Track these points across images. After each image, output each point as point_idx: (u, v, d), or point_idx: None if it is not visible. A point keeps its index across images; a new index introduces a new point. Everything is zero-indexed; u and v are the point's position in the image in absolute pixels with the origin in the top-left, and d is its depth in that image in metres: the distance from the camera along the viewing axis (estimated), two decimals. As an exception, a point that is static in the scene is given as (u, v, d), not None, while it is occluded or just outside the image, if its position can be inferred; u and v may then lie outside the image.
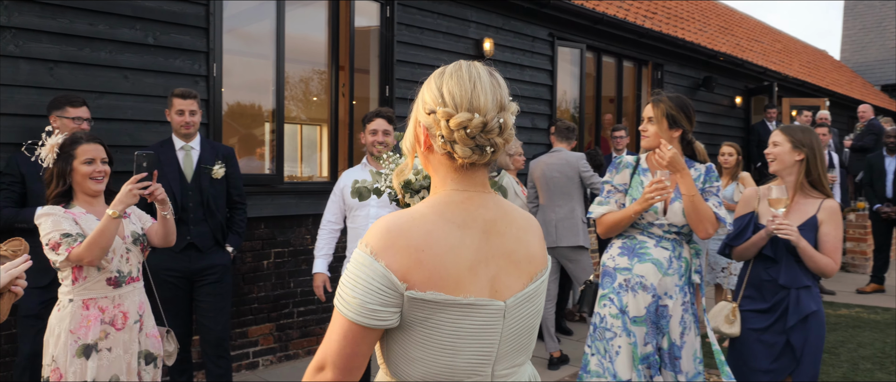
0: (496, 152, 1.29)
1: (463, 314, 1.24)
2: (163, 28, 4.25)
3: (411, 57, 5.73)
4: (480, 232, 1.29)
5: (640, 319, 2.83)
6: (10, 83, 3.67)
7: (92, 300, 2.61)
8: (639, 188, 2.92)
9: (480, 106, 1.26)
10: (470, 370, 1.27)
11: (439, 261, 1.23)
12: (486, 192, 1.34)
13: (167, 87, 4.24)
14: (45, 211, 2.56)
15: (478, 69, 1.32)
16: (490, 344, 1.28)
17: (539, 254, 1.39)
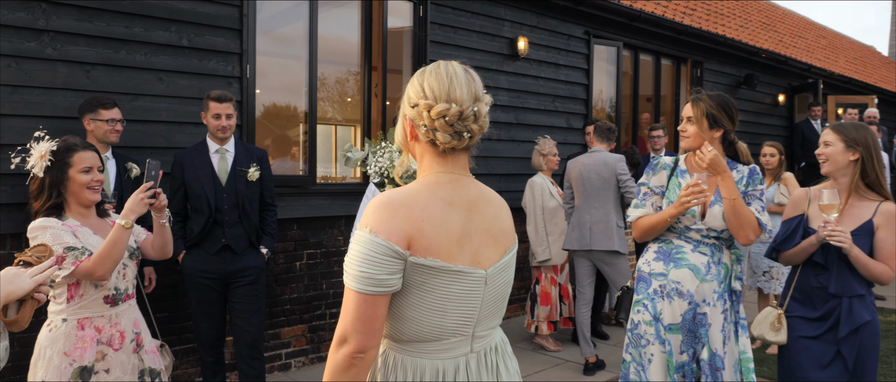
0: (473, 138, 1.48)
1: (453, 280, 1.43)
2: (197, 30, 4.27)
3: (445, 56, 5.66)
4: (465, 210, 1.48)
5: (675, 327, 2.72)
6: (48, 86, 3.72)
7: (87, 319, 2.41)
8: (676, 191, 2.80)
9: (457, 97, 1.44)
10: (455, 329, 1.47)
11: (436, 232, 1.41)
12: (467, 175, 1.53)
13: (201, 88, 4.26)
14: (41, 224, 2.36)
15: (454, 67, 1.50)
16: (473, 307, 1.48)
17: (510, 230, 1.59)
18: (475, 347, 1.52)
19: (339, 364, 1.40)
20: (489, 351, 1.56)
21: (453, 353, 1.49)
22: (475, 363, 1.52)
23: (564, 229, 5.23)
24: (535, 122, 6.45)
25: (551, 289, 5.29)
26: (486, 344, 1.55)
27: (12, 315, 1.63)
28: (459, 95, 1.45)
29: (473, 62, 5.84)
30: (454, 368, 1.48)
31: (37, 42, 3.68)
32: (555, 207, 5.28)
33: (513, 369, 1.62)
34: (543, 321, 5.29)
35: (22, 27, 3.62)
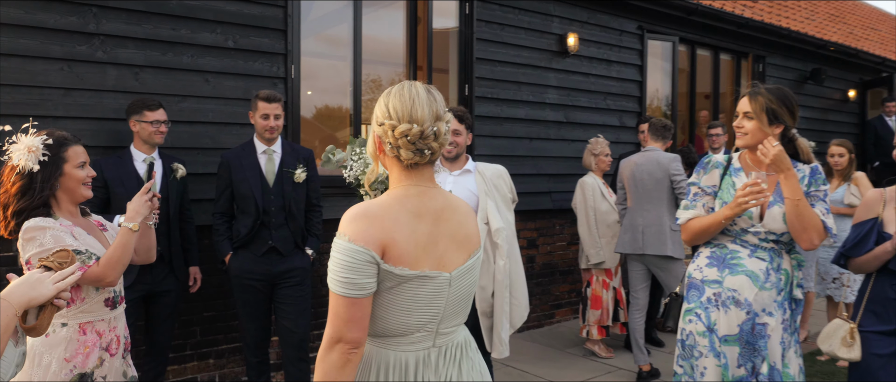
0: (434, 154, 1.60)
1: (419, 284, 1.56)
2: (242, 31, 4.29)
3: (492, 54, 5.55)
4: (432, 219, 1.61)
5: (731, 338, 2.52)
6: (98, 88, 3.79)
7: (89, 323, 2.26)
8: (730, 191, 2.61)
9: (418, 118, 1.55)
10: (420, 326, 1.60)
11: (405, 241, 1.54)
12: (434, 186, 1.66)
13: (247, 89, 4.28)
14: (38, 224, 2.17)
15: (417, 88, 1.60)
16: (438, 307, 1.61)
17: (474, 235, 1.70)
18: (437, 342, 1.65)
19: (335, 363, 1.52)
20: (451, 347, 1.68)
21: (416, 347, 1.62)
22: (435, 356, 1.65)
23: (617, 232, 5.04)
24: (586, 120, 6.26)
25: (603, 293, 5.11)
26: (448, 340, 1.68)
27: (31, 322, 1.59)
28: (421, 116, 1.56)
29: (521, 60, 5.71)
30: (415, 360, 1.62)
31: (87, 45, 3.75)
32: (606, 208, 5.09)
33: (475, 365, 1.73)
34: (594, 326, 5.11)
35: (73, 31, 3.70)
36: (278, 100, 3.69)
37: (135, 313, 3.52)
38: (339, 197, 4.73)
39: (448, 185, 3.38)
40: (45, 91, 3.64)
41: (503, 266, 3.19)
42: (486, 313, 3.22)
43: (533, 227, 6.02)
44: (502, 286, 3.19)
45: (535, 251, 6.05)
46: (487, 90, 5.55)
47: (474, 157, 5.39)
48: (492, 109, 5.59)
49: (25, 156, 2.18)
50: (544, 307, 6.13)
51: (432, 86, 1.66)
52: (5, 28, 3.51)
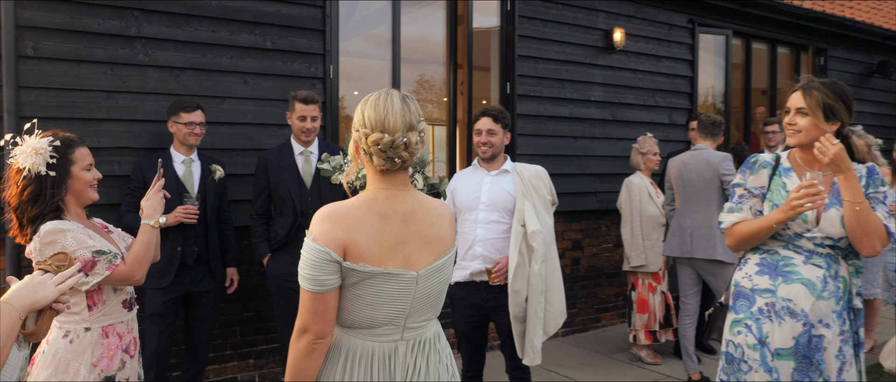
0: (405, 162, 1.68)
1: (384, 281, 1.65)
2: (281, 32, 4.29)
3: (534, 51, 5.42)
4: (400, 221, 1.68)
5: (785, 352, 2.33)
6: (140, 91, 3.85)
7: (110, 326, 2.25)
8: (781, 192, 2.42)
9: (389, 128, 1.63)
10: (387, 320, 1.69)
11: (367, 242, 1.63)
12: (406, 190, 1.72)
13: (285, 90, 4.28)
14: (58, 227, 2.13)
15: (393, 98, 1.66)
16: (404, 303, 1.69)
17: (447, 235, 1.78)
18: (406, 336, 1.74)
19: (301, 350, 1.65)
20: (421, 341, 1.76)
21: (384, 339, 1.71)
22: (404, 349, 1.73)
23: (662, 234, 4.85)
24: (633, 118, 6.05)
25: (649, 296, 4.92)
26: (417, 335, 1.76)
27: (31, 326, 1.57)
28: (392, 126, 1.63)
29: (565, 57, 5.56)
30: (383, 352, 1.71)
31: (129, 49, 3.81)
32: (653, 209, 4.89)
33: (442, 360, 1.81)
34: (640, 331, 4.93)
35: (116, 35, 3.76)
36: (316, 101, 3.67)
37: (174, 313, 3.56)
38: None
39: (485, 185, 3.29)
40: (90, 94, 3.71)
41: (538, 270, 3.08)
42: (518, 318, 3.11)
43: (578, 228, 5.86)
44: (537, 290, 3.08)
45: (581, 253, 5.89)
46: (530, 88, 5.42)
47: (516, 156, 5.28)
48: (534, 108, 5.46)
49: (32, 159, 2.12)
50: (590, 310, 5.96)
51: (410, 95, 1.73)
52: (52, 33, 3.60)
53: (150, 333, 3.50)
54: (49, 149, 2.15)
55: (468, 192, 3.34)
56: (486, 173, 3.34)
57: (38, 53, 3.56)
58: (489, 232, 3.24)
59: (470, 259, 3.28)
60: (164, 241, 3.49)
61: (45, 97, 3.59)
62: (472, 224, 3.29)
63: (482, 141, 3.32)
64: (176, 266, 3.51)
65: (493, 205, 3.25)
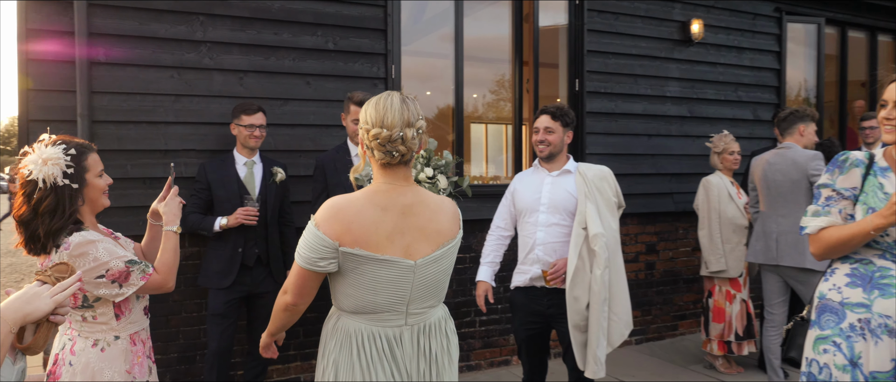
0: (404, 156, 1.81)
1: (381, 267, 1.78)
2: (342, 32, 4.27)
3: (605, 46, 5.19)
4: (399, 213, 1.81)
5: (882, 375, 2.05)
6: (205, 94, 3.91)
7: (136, 334, 2.22)
8: (878, 194, 2.13)
9: (388, 124, 1.77)
10: (388, 305, 1.82)
11: (364, 230, 1.76)
12: (407, 184, 1.85)
13: (347, 91, 4.26)
14: (88, 238, 2.05)
15: (393, 98, 1.81)
16: (403, 289, 1.82)
17: (447, 228, 1.89)
18: (409, 321, 1.87)
19: (279, 305, 1.92)
20: (426, 326, 1.90)
21: (388, 324, 1.85)
22: (408, 333, 1.87)
23: (745, 238, 4.51)
24: (713, 114, 5.70)
25: (726, 305, 4.60)
26: (421, 320, 1.89)
27: (28, 339, 1.51)
28: (390, 122, 1.78)
29: (637, 51, 5.29)
30: (387, 336, 1.84)
31: (195, 53, 3.88)
32: (733, 210, 4.56)
33: (449, 344, 1.95)
34: (714, 340, 4.62)
35: (182, 39, 3.84)
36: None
37: (235, 313, 3.59)
38: (440, 199, 4.61)
39: (545, 186, 3.13)
40: (158, 98, 3.80)
41: (600, 276, 2.90)
42: (579, 327, 2.93)
43: (653, 231, 5.57)
44: (599, 298, 2.90)
45: (656, 257, 5.60)
46: (600, 84, 5.19)
47: (585, 156, 5.07)
48: (605, 105, 5.22)
49: (47, 169, 2.02)
50: (665, 318, 5.66)
51: (412, 96, 1.88)
52: (122, 39, 3.71)
53: (212, 333, 3.54)
54: (65, 158, 2.05)
55: (528, 193, 3.20)
56: (546, 173, 3.19)
57: (109, 59, 3.68)
58: (549, 235, 3.08)
59: (530, 264, 3.13)
60: (224, 242, 3.53)
61: (115, 102, 3.71)
62: (532, 227, 3.14)
63: (539, 139, 3.16)
64: (237, 267, 3.54)
65: (554, 207, 3.09)
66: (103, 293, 2.08)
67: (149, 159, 3.79)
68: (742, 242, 4.53)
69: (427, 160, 3.13)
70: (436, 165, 3.11)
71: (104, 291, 2.07)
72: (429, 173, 3.06)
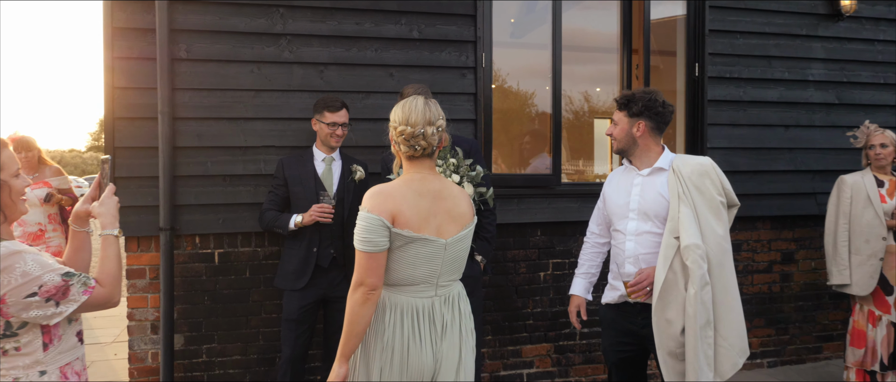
0: (426, 150, 2.11)
1: (421, 245, 2.06)
2: (428, 20, 3.99)
3: (730, 25, 4.52)
4: (431, 198, 2.10)
5: None
6: (285, 88, 3.79)
7: (68, 365, 1.86)
8: None
9: (412, 122, 2.09)
10: (423, 278, 2.10)
11: (409, 213, 2.04)
12: (432, 174, 2.15)
13: (433, 82, 3.98)
14: (13, 248, 1.73)
15: (418, 101, 2.11)
16: (436, 264, 2.10)
17: (466, 212, 2.18)
18: (439, 292, 2.12)
19: (357, 300, 2.01)
20: (451, 296, 2.15)
21: (423, 295, 2.09)
22: (440, 303, 2.12)
23: (880, 250, 3.70)
24: (868, 100, 4.82)
25: (867, 327, 3.80)
26: (447, 291, 2.14)
27: None
28: (414, 121, 2.06)
29: (772, 29, 4.58)
30: (423, 306, 2.08)
31: (275, 46, 3.77)
32: (870, 216, 3.76)
33: (465, 313, 2.19)
34: (852, 368, 3.84)
35: (262, 33, 3.74)
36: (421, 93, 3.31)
37: (310, 318, 3.41)
38: (536, 198, 4.21)
39: (635, 188, 2.66)
40: (237, 93, 3.72)
41: (695, 296, 2.38)
42: (674, 355, 2.44)
43: (790, 237, 4.81)
44: (696, 321, 2.38)
45: (794, 267, 4.83)
46: (724, 69, 4.53)
47: (706, 150, 4.45)
48: (731, 92, 4.55)
49: None
50: (806, 338, 4.87)
51: (433, 101, 2.16)
52: (202, 34, 3.66)
53: (286, 338, 3.39)
54: None
55: (617, 197, 2.73)
56: (636, 172, 2.71)
57: (190, 55, 3.65)
58: (642, 246, 2.60)
59: (623, 278, 2.67)
60: (299, 241, 3.37)
61: (197, 98, 3.67)
62: (622, 236, 2.67)
63: (606, 133, 2.70)
64: (311, 268, 3.36)
65: (645, 212, 2.60)
66: (34, 316, 1.73)
67: (228, 156, 3.72)
68: (877, 255, 3.72)
69: (456, 168, 2.86)
70: (464, 173, 2.86)
71: (36, 313, 1.72)
72: (455, 179, 2.81)
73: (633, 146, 2.68)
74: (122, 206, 3.59)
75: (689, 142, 4.56)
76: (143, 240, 3.68)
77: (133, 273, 3.69)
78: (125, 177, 3.59)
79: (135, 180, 3.60)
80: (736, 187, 4.59)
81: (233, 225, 3.73)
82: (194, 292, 3.75)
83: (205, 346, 3.77)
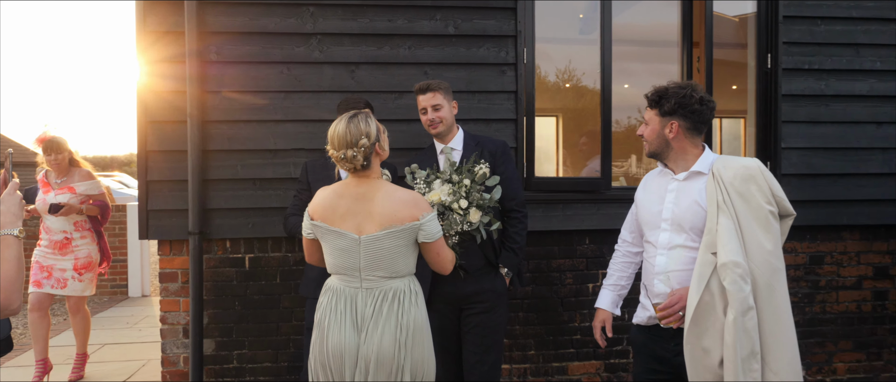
0: (355, 166, 2.28)
1: (336, 237, 2.30)
2: (464, 14, 3.78)
3: (809, 9, 4.04)
4: (352, 199, 2.30)
5: None
6: (315, 89, 3.68)
7: None
8: None
9: (335, 145, 2.28)
10: (342, 268, 2.32)
11: (325, 210, 2.33)
12: (367, 180, 2.32)
13: (470, 80, 3.77)
14: None
15: (339, 124, 2.29)
16: (354, 258, 2.29)
17: (390, 214, 2.26)
18: (364, 285, 2.30)
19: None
20: (382, 292, 2.30)
21: (348, 284, 2.33)
22: (364, 294, 2.30)
23: None
24: (980, 93, 4.17)
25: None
26: (376, 286, 2.30)
27: None
28: (336, 144, 2.28)
29: (860, 12, 4.08)
30: (347, 293, 2.32)
31: (305, 46, 3.67)
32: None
33: (405, 309, 2.30)
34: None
35: (292, 33, 3.65)
36: (433, 90, 3.05)
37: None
38: (584, 203, 3.90)
39: (669, 195, 2.34)
40: (267, 95, 3.65)
41: (735, 322, 2.03)
42: None
43: (883, 249, 4.24)
44: (735, 351, 2.04)
45: (889, 284, 4.25)
46: (802, 59, 4.05)
47: (781, 151, 3.99)
48: (810, 85, 4.06)
49: None
50: (903, 365, 4.27)
51: (362, 115, 2.30)
52: (233, 36, 3.62)
53: (307, 347, 3.26)
54: None
55: (650, 203, 2.41)
56: (671, 176, 2.37)
57: (220, 58, 3.61)
58: (674, 261, 2.27)
59: (653, 297, 2.35)
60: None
61: (226, 101, 3.62)
62: (653, 249, 2.35)
63: (637, 133, 2.37)
64: (319, 273, 3.22)
65: (679, 223, 2.27)
66: None
67: (258, 159, 3.66)
68: None
69: (468, 193, 2.61)
70: (476, 200, 2.62)
71: None
72: (463, 204, 2.59)
73: (666, 149, 2.35)
74: (155, 209, 3.60)
75: (760, 142, 4.10)
76: (175, 244, 3.68)
77: (165, 277, 3.70)
78: (157, 180, 3.60)
79: (167, 184, 3.60)
80: (816, 191, 4.09)
81: (263, 230, 3.66)
82: (225, 297, 3.71)
83: (235, 352, 3.72)
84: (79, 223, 4.34)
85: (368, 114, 2.33)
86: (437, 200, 2.59)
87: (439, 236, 2.32)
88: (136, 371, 4.73)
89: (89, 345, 5.16)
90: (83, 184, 4.36)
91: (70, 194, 4.30)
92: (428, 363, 2.32)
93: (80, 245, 4.32)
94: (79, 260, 4.29)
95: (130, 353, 5.24)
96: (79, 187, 4.34)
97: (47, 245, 4.30)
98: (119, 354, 5.24)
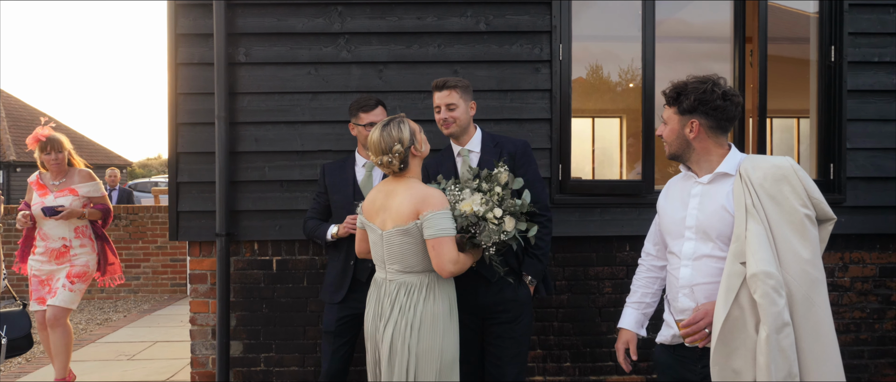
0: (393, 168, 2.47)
1: (371, 231, 2.53)
2: (496, 10, 3.63)
3: (879, -3, 3.67)
4: (385, 196, 2.49)
5: None
6: (342, 90, 3.62)
7: None
8: None
9: (373, 152, 2.47)
10: (378, 261, 2.54)
11: (368, 205, 2.55)
12: (398, 181, 2.49)
13: (502, 79, 3.62)
14: None
15: (373, 133, 2.47)
16: (380, 250, 2.50)
17: (405, 213, 2.40)
18: (388, 276, 2.50)
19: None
20: (406, 285, 2.46)
21: (381, 275, 2.55)
22: (386, 287, 2.50)
23: None
24: None
25: None
26: (396, 278, 2.48)
27: None
28: (374, 151, 2.47)
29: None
30: (379, 283, 2.54)
31: (333, 46, 3.61)
32: None
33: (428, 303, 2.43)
34: None
35: (320, 33, 3.60)
36: (449, 87, 2.89)
37: (349, 332, 3.18)
38: (623, 208, 3.68)
39: (693, 200, 2.12)
40: (295, 96, 3.61)
41: (767, 340, 1.80)
42: None
43: (967, 261, 3.81)
44: (769, 373, 1.81)
45: (973, 301, 3.82)
46: (871, 51, 3.69)
47: (846, 152, 3.65)
48: (879, 80, 3.69)
49: None
50: None
51: (395, 122, 2.45)
52: (261, 37, 3.60)
53: (324, 352, 3.19)
54: None
55: (673, 210, 2.19)
56: (695, 180, 2.15)
57: (249, 59, 3.59)
58: (700, 273, 2.05)
59: (677, 313, 2.14)
60: (337, 253, 3.16)
61: (255, 102, 3.61)
62: (676, 261, 2.14)
63: (657, 133, 2.16)
64: (348, 281, 3.12)
65: (705, 230, 2.05)
66: None
67: (285, 160, 3.62)
68: None
69: (501, 201, 2.54)
70: (509, 208, 2.54)
71: None
72: (498, 213, 2.49)
73: (687, 150, 2.13)
74: (185, 211, 3.62)
75: (822, 141, 3.76)
76: (204, 245, 3.69)
77: (195, 278, 3.71)
78: (187, 182, 3.61)
79: (197, 186, 3.61)
80: (885, 196, 3.72)
81: (290, 232, 3.63)
82: (253, 299, 3.69)
83: (263, 355, 3.69)
84: (79, 230, 4.03)
85: (402, 119, 2.47)
86: (470, 210, 2.46)
87: (440, 235, 2.33)
88: (179, 370, 4.80)
89: (140, 342, 5.19)
90: (85, 186, 4.07)
91: (72, 196, 4.00)
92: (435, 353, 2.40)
93: (79, 254, 4.03)
94: (74, 268, 4.00)
95: (179, 351, 5.34)
96: (81, 188, 4.04)
97: (43, 253, 4.00)
98: (168, 352, 5.35)
